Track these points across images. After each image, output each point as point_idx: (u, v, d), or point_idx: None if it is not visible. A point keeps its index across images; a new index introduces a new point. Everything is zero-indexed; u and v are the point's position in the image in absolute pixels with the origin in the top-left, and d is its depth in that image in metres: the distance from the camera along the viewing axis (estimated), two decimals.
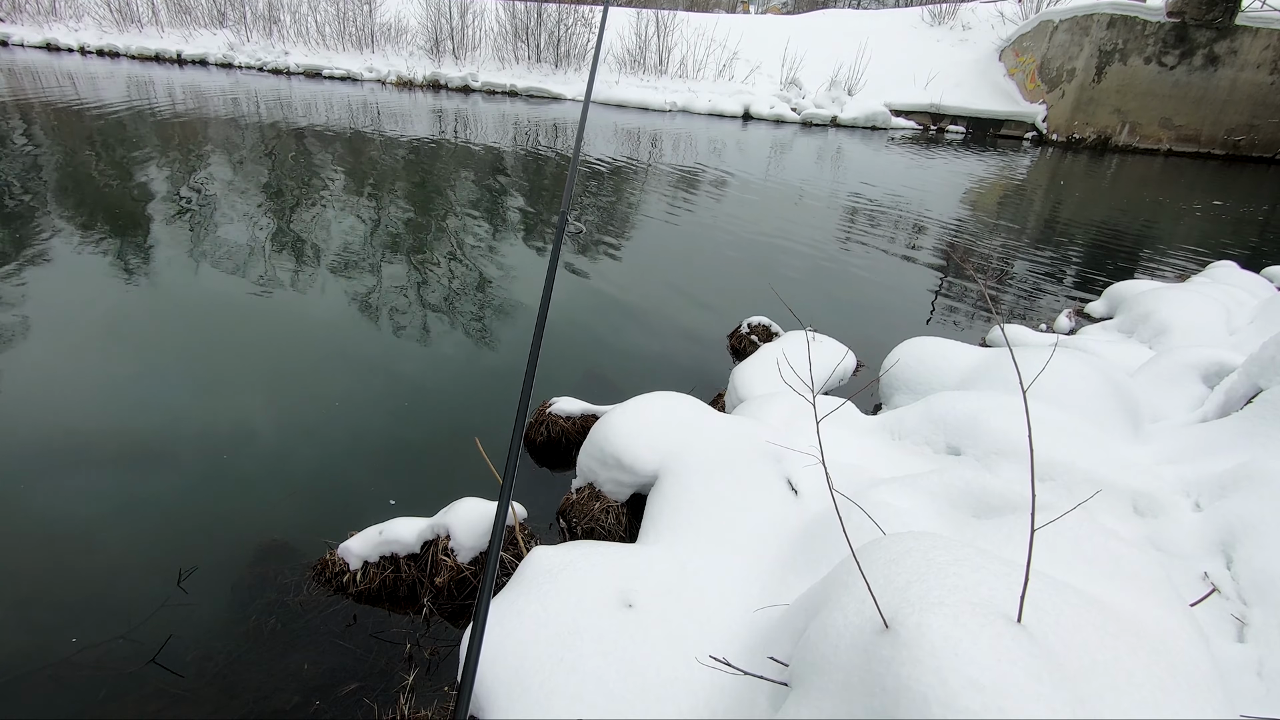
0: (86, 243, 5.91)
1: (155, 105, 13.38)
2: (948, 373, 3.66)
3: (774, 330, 4.80)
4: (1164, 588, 1.58)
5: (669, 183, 10.38)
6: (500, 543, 1.33)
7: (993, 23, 22.33)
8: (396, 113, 15.23)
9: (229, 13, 23.56)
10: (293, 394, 3.87)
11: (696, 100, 19.49)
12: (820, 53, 21.24)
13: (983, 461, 2.71)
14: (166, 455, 3.26)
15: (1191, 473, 2.63)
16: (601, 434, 2.86)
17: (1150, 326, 4.72)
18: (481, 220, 7.59)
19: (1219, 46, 17.33)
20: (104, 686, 2.14)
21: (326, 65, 21.15)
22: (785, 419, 3.01)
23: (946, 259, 7.48)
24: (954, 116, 19.41)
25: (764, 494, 2.48)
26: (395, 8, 23.30)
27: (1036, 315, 5.96)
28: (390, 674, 2.23)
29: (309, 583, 2.57)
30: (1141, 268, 7.76)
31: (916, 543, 1.47)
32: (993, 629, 1.17)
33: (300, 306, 5.05)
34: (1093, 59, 17.83)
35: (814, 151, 14.76)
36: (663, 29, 21.69)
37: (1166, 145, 18.43)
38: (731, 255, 7.06)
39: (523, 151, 12.05)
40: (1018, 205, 11.00)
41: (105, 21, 23.35)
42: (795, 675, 1.43)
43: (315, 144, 11.02)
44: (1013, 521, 1.83)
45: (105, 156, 9.10)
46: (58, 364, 4.00)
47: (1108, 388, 3.22)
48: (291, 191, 8.14)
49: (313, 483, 3.15)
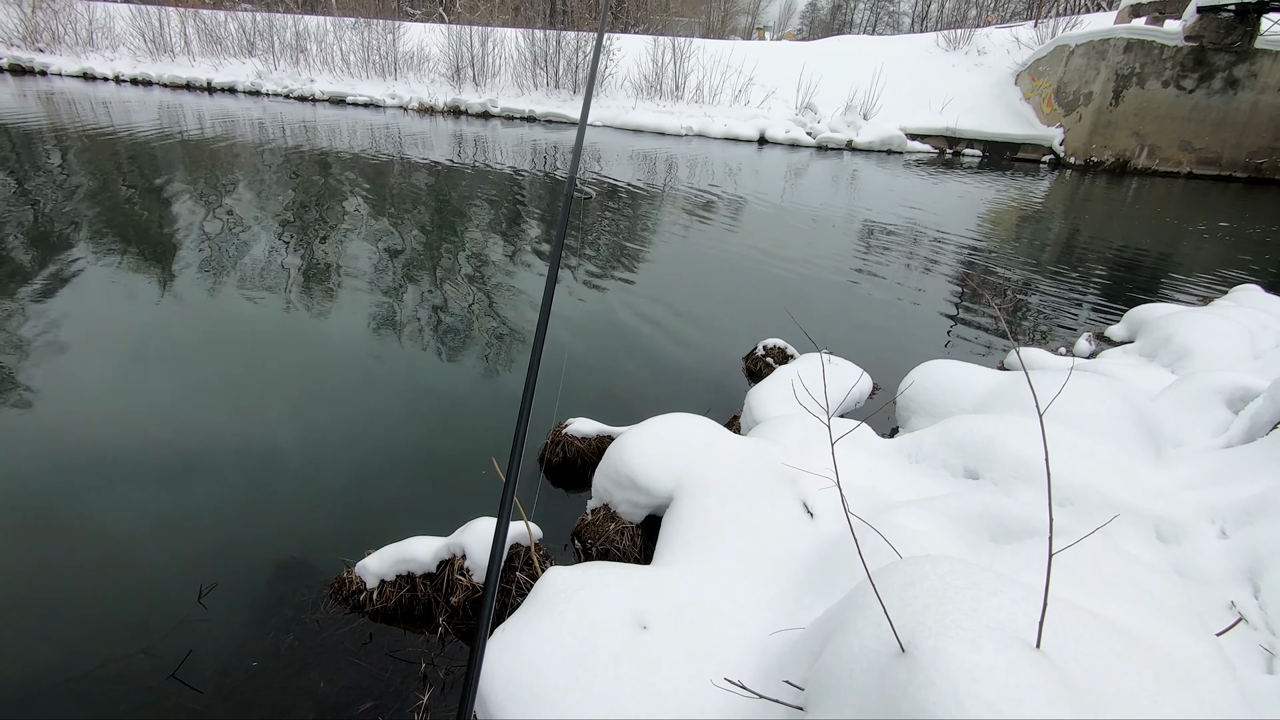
0: (117, 264, 6.07)
1: (185, 130, 13.77)
2: (965, 396, 3.64)
3: (789, 352, 4.80)
4: (1188, 615, 1.56)
5: (685, 206, 10.47)
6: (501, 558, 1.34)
7: (1008, 47, 22.40)
8: (418, 138, 15.54)
9: (258, 42, 24.32)
10: (313, 413, 3.93)
11: (712, 125, 19.69)
12: (836, 77, 21.41)
13: (1000, 485, 2.69)
14: (189, 472, 3.32)
15: (1216, 499, 2.59)
16: (617, 455, 2.88)
17: (1172, 350, 4.65)
18: (500, 242, 7.70)
19: (1239, 70, 17.25)
20: (124, 700, 2.17)
21: (351, 92, 21.70)
22: (800, 441, 3.01)
23: (963, 282, 7.45)
24: (970, 140, 19.42)
25: (779, 516, 2.47)
26: (418, 37, 23.93)
27: (1055, 339, 5.90)
28: (405, 693, 2.24)
29: (326, 600, 2.59)
30: (1162, 291, 7.67)
31: (933, 566, 1.46)
32: (1011, 654, 1.16)
33: (322, 327, 5.14)
34: (1110, 83, 17.82)
35: (829, 175, 14.82)
36: (679, 55, 22.02)
37: (1187, 168, 18.29)
38: (747, 278, 7.09)
39: (540, 174, 12.23)
40: (1035, 228, 10.95)
41: (139, 51, 24.17)
42: (810, 699, 1.42)
43: (339, 168, 11.27)
44: (1031, 546, 1.82)
45: (138, 180, 9.37)
46: (85, 382, 4.10)
47: (1129, 412, 3.18)
48: (315, 214, 8.32)
49: (330, 501, 3.19)
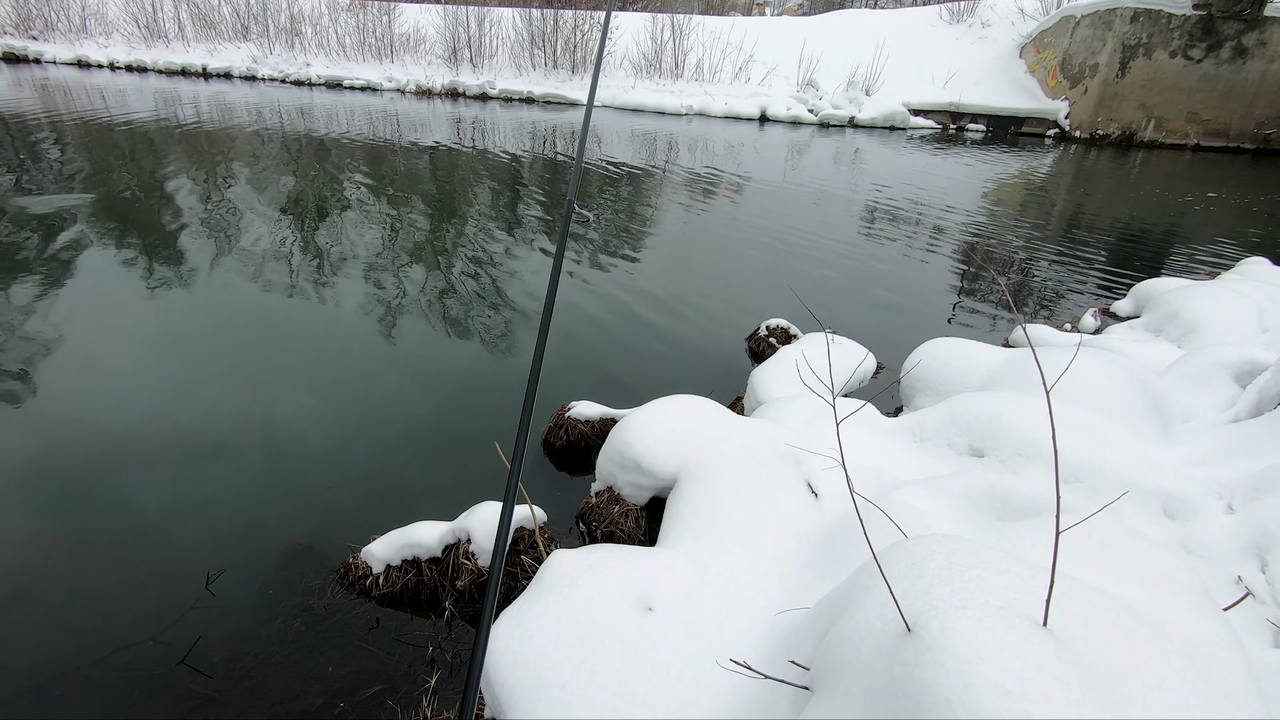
0: (125, 251, 6.05)
1: (181, 118, 13.67)
2: (970, 374, 3.61)
3: (793, 332, 4.78)
4: (1196, 592, 1.55)
5: (686, 185, 10.38)
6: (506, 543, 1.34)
7: (1013, 19, 22.01)
8: (415, 121, 15.40)
9: (252, 27, 24.04)
10: (317, 399, 3.93)
11: (713, 103, 19.46)
12: (837, 53, 21.11)
13: (1006, 463, 2.67)
14: (196, 460, 3.33)
15: (1223, 474, 2.57)
16: (620, 437, 2.87)
17: (1179, 325, 4.61)
18: (502, 226, 7.65)
19: (1248, 38, 16.94)
20: (136, 687, 2.19)
21: (347, 76, 21.47)
22: (805, 421, 3.00)
23: (967, 258, 7.39)
24: (974, 115, 19.17)
25: (784, 497, 2.47)
26: (414, 18, 23.62)
27: (1061, 314, 5.86)
28: (413, 677, 2.26)
29: (333, 586, 2.60)
30: (1169, 265, 7.60)
31: (939, 545, 1.45)
32: (1018, 633, 1.16)
33: (325, 314, 5.13)
34: (1116, 54, 17.52)
35: (832, 152, 14.66)
36: (678, 33, 21.72)
37: (1194, 140, 18.03)
38: (749, 257, 7.04)
39: (541, 156, 12.13)
40: (1040, 203, 10.84)
41: (133, 38, 23.92)
42: (816, 679, 1.42)
43: (338, 153, 11.19)
44: (1038, 524, 1.81)
45: (139, 169, 9.32)
46: (88, 371, 4.10)
47: (1135, 387, 3.16)
48: (312, 200, 8.27)
49: (336, 486, 3.20)
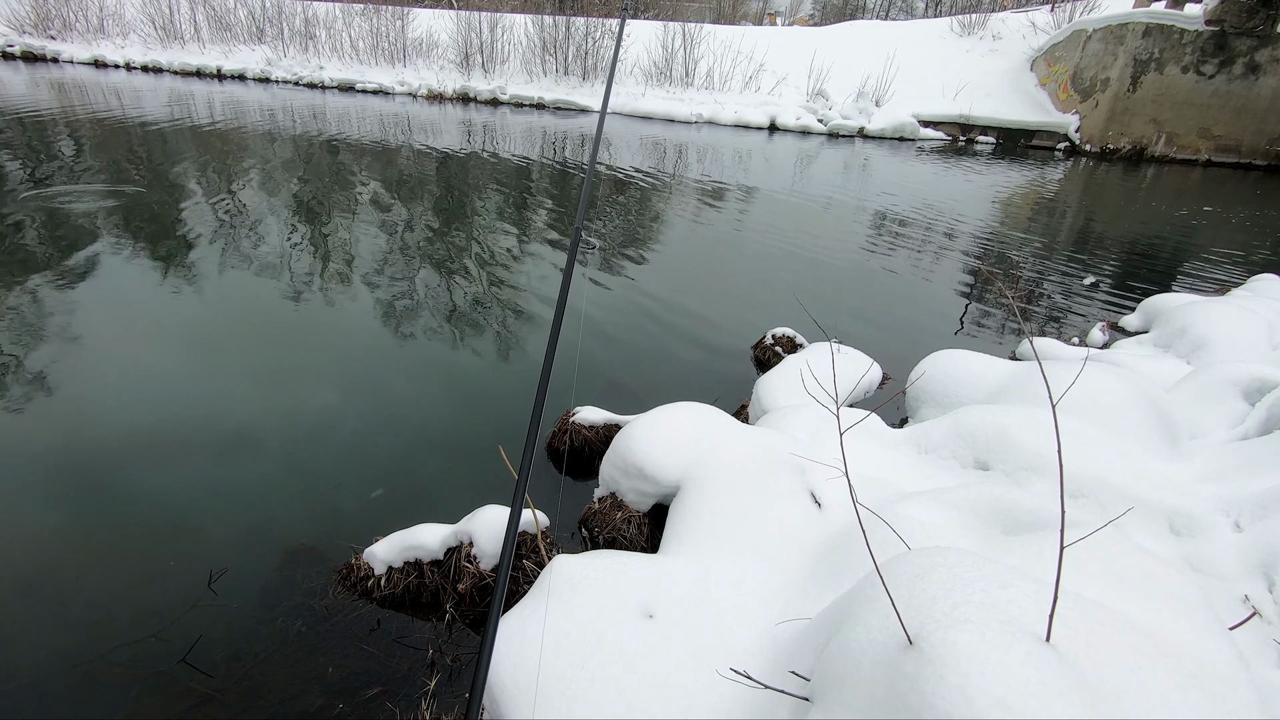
0: (140, 253, 6.11)
1: (195, 118, 13.79)
2: (976, 386, 3.60)
3: (798, 341, 4.77)
4: (1202, 609, 1.53)
5: (694, 194, 10.40)
6: (513, 548, 1.34)
7: (1024, 32, 22.01)
8: (427, 125, 15.50)
9: (267, 29, 24.27)
10: (323, 401, 3.95)
11: (722, 112, 19.50)
12: (847, 64, 21.14)
13: (1012, 477, 2.66)
14: (202, 459, 3.34)
15: (1231, 492, 2.55)
16: (624, 444, 2.87)
17: (1188, 341, 4.59)
18: (513, 232, 7.68)
19: (1260, 55, 16.88)
20: (136, 685, 2.20)
21: (360, 79, 21.64)
22: (809, 431, 2.99)
23: (975, 271, 7.37)
24: (984, 127, 19.15)
25: (787, 506, 2.46)
26: (427, 23, 23.80)
27: (1069, 328, 5.83)
28: (412, 679, 2.25)
29: (334, 586, 2.61)
30: (1178, 280, 7.56)
31: (942, 558, 1.44)
32: (1020, 647, 1.15)
33: (336, 316, 5.15)
34: (1128, 68, 17.50)
35: (840, 162, 14.67)
36: (689, 41, 21.80)
37: (1205, 155, 17.96)
38: (756, 266, 7.04)
39: (552, 162, 12.18)
40: (1049, 216, 10.80)
41: (150, 39, 24.18)
42: (817, 690, 1.42)
43: (349, 156, 11.26)
44: (1042, 538, 1.80)
45: (154, 170, 9.40)
46: (98, 370, 4.13)
47: (1143, 403, 3.14)
48: (324, 202, 8.32)
49: (339, 488, 3.20)
